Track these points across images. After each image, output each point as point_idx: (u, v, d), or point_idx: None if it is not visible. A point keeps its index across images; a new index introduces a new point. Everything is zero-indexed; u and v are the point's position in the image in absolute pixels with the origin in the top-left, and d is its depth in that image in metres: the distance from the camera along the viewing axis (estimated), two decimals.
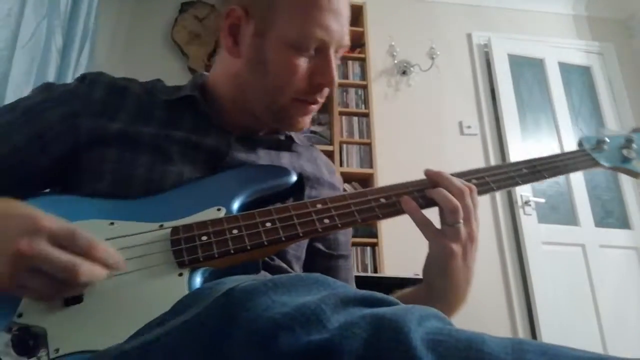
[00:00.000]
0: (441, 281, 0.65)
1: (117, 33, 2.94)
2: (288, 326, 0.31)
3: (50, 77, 1.97)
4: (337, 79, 0.72)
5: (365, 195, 0.65)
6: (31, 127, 0.68)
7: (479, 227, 0.65)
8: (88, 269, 0.48)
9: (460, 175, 0.70)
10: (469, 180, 0.69)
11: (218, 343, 0.32)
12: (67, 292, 0.49)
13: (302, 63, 0.69)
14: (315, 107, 0.75)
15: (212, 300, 0.35)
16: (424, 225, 0.64)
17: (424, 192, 0.67)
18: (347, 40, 0.73)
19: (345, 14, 0.71)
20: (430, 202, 0.65)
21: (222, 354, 0.32)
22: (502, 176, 0.73)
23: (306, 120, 0.75)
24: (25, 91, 1.78)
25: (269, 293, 0.35)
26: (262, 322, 0.32)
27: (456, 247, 0.63)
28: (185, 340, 0.34)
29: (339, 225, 0.62)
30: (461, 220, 0.62)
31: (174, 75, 2.75)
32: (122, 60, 2.87)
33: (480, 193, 0.68)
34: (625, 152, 0.84)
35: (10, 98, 1.68)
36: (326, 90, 0.74)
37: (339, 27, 0.70)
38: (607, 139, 0.84)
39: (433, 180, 0.67)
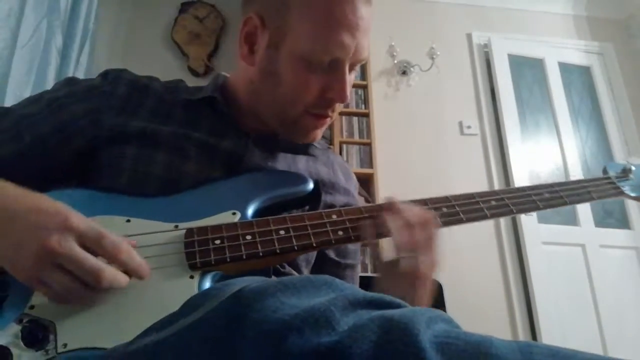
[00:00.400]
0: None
1: (117, 33, 2.94)
2: (297, 328, 0.31)
3: (50, 77, 1.97)
4: (349, 94, 0.70)
5: (381, 209, 0.64)
6: (55, 119, 0.69)
7: (433, 264, 0.62)
8: (111, 275, 0.49)
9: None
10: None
11: (227, 344, 0.32)
12: (83, 296, 0.49)
13: (315, 78, 0.68)
14: (327, 121, 0.74)
15: (222, 301, 0.35)
16: (376, 255, 0.63)
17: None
18: (364, 55, 0.70)
19: (363, 27, 0.67)
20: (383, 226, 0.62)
21: (231, 354, 0.32)
22: (518, 200, 0.70)
23: (317, 133, 0.75)
24: (25, 91, 1.78)
25: (278, 294, 0.35)
26: (272, 323, 0.32)
27: (402, 282, 0.60)
28: (194, 340, 0.34)
29: (352, 238, 0.62)
30: (406, 255, 0.60)
31: (174, 75, 2.72)
32: (122, 60, 2.87)
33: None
34: None
35: (10, 98, 1.68)
36: (338, 105, 0.73)
37: (356, 41, 0.67)
38: (633, 168, 0.83)
39: (391, 210, 0.64)
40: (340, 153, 2.63)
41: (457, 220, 0.66)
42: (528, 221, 2.74)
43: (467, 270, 2.61)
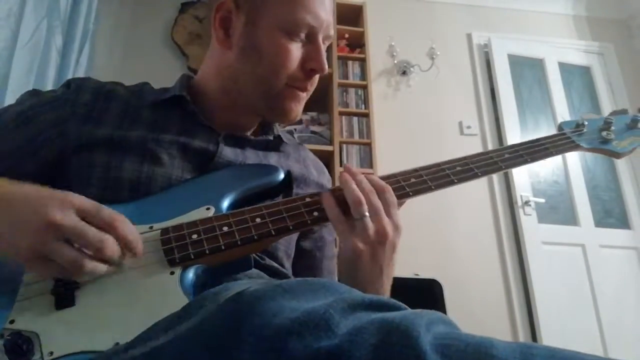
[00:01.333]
0: (346, 278, 0.61)
1: (117, 33, 2.93)
2: (297, 332, 0.31)
3: (50, 77, 1.97)
4: (326, 65, 0.74)
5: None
6: (20, 132, 0.69)
7: (396, 229, 0.61)
8: (113, 245, 0.51)
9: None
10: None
11: (227, 348, 0.32)
12: (87, 268, 0.50)
13: (295, 48, 0.71)
14: (305, 95, 0.76)
15: (220, 305, 0.35)
16: (337, 221, 0.62)
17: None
18: (332, 31, 0.75)
19: (329, 6, 0.74)
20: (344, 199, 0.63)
21: (231, 359, 0.32)
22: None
23: (299, 109, 0.76)
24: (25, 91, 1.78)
25: (277, 298, 0.35)
26: (272, 328, 0.32)
27: (362, 245, 0.59)
28: (193, 345, 0.34)
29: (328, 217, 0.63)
30: (366, 214, 0.60)
31: (174, 75, 2.72)
32: (122, 60, 2.87)
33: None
34: (604, 134, 0.86)
35: (10, 98, 1.68)
36: (316, 78, 0.75)
37: (326, 16, 0.72)
38: (585, 122, 0.85)
39: (345, 174, 0.66)
40: (340, 153, 2.63)
41: (426, 189, 0.68)
42: (528, 221, 2.74)
43: (467, 270, 2.61)
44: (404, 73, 3.06)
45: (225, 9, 0.73)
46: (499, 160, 0.74)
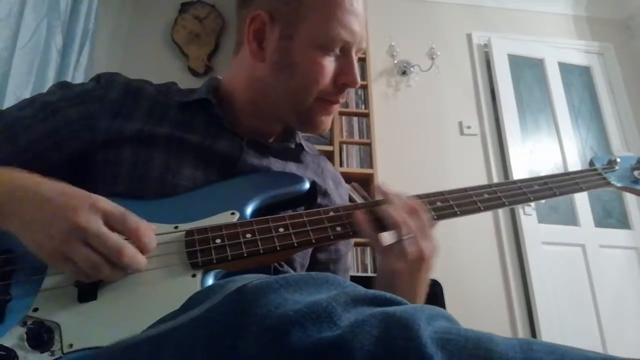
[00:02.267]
0: None
1: (117, 33, 2.94)
2: (300, 323, 0.31)
3: (50, 78, 1.97)
4: (359, 79, 0.74)
5: (376, 204, 0.66)
6: (48, 122, 0.69)
7: (434, 250, 0.63)
8: (132, 252, 0.52)
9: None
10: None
11: (230, 338, 0.33)
12: (105, 272, 0.52)
13: (329, 63, 0.71)
14: (337, 107, 0.77)
15: (225, 296, 0.35)
16: (371, 238, 0.63)
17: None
18: (364, 44, 0.75)
19: (363, 17, 0.74)
20: (379, 220, 0.64)
21: (234, 348, 0.32)
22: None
23: (329, 121, 0.77)
24: (25, 92, 1.78)
25: (281, 290, 0.35)
26: (275, 318, 0.32)
27: (400, 266, 0.60)
28: (197, 334, 0.34)
29: (350, 233, 0.63)
30: (404, 237, 0.61)
31: (174, 75, 2.74)
32: (122, 60, 2.87)
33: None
34: (636, 173, 0.85)
35: (10, 98, 1.68)
36: (347, 91, 0.76)
37: (360, 29, 0.72)
38: (618, 159, 0.85)
39: (382, 197, 0.67)
40: (340, 153, 2.63)
41: (451, 214, 0.68)
42: (528, 221, 2.75)
43: (467, 271, 2.61)
44: (404, 73, 3.07)
45: (260, 21, 0.72)
46: (528, 191, 0.74)
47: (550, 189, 0.76)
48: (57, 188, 0.55)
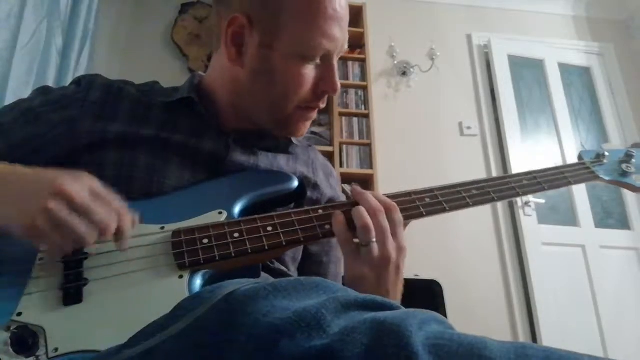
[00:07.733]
0: None
1: (117, 34, 2.94)
2: (288, 332, 0.31)
3: (50, 78, 1.97)
4: (339, 86, 0.72)
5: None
6: (30, 128, 0.69)
7: (400, 251, 0.61)
8: (121, 212, 0.53)
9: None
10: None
11: (219, 348, 0.32)
12: (87, 245, 0.52)
13: (309, 72, 0.70)
14: (315, 114, 0.76)
15: (212, 305, 0.35)
16: (344, 243, 0.61)
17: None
18: (346, 45, 0.75)
19: (346, 18, 0.72)
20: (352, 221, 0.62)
21: (222, 359, 0.32)
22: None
23: (307, 126, 0.76)
24: (25, 92, 1.78)
25: (269, 297, 0.35)
26: (263, 327, 0.32)
27: (367, 270, 0.59)
28: (186, 346, 0.34)
29: None
30: (373, 239, 0.59)
31: (174, 76, 2.75)
32: (122, 61, 2.87)
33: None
34: (624, 166, 0.85)
35: (10, 99, 1.68)
36: (326, 97, 0.75)
37: (342, 35, 0.71)
38: (606, 153, 0.85)
39: (355, 198, 0.65)
40: (340, 154, 2.63)
41: (440, 210, 0.68)
42: (528, 222, 2.74)
43: (467, 271, 2.61)
44: (404, 74, 3.06)
45: (238, 24, 0.69)
46: (517, 186, 0.74)
47: (539, 183, 0.76)
48: (35, 169, 0.55)
